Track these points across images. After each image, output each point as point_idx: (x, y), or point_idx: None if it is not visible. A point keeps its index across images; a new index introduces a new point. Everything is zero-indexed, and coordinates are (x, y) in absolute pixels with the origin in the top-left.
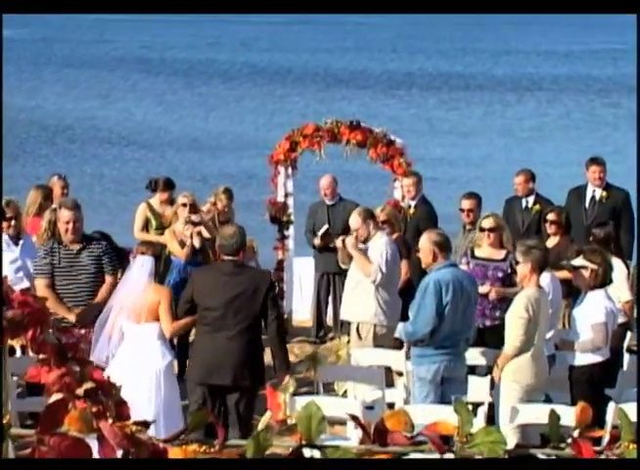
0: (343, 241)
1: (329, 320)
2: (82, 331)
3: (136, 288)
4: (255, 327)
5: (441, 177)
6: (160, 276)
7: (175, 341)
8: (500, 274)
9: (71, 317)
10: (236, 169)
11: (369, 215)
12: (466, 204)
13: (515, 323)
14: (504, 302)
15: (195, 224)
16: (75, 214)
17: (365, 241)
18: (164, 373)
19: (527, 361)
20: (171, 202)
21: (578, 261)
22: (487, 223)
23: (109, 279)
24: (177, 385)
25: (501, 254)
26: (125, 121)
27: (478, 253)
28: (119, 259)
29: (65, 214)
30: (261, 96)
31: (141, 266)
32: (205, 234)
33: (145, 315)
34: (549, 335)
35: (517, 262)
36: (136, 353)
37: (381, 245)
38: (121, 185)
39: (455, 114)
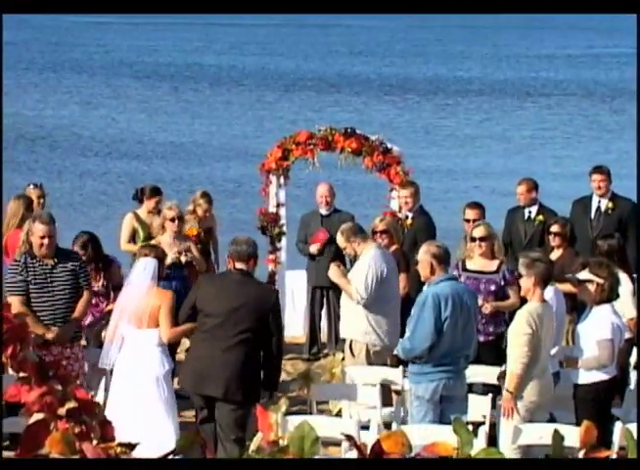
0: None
1: (323, 336)
2: (60, 348)
3: (138, 291)
4: (254, 341)
5: (437, 187)
6: None
7: None
8: (493, 288)
9: (49, 335)
10: (223, 178)
11: (353, 232)
12: (470, 213)
13: (518, 340)
14: (498, 316)
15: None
16: (50, 229)
17: (355, 257)
18: (163, 382)
19: (531, 379)
20: (158, 210)
21: (584, 275)
22: (478, 232)
23: (86, 295)
24: (174, 395)
25: (493, 265)
26: (108, 128)
27: (469, 265)
28: (105, 266)
29: (39, 228)
30: (250, 102)
31: (143, 269)
32: (195, 251)
33: (146, 320)
34: (553, 351)
35: (519, 275)
36: (135, 360)
37: (366, 260)
38: (103, 195)
39: (452, 120)
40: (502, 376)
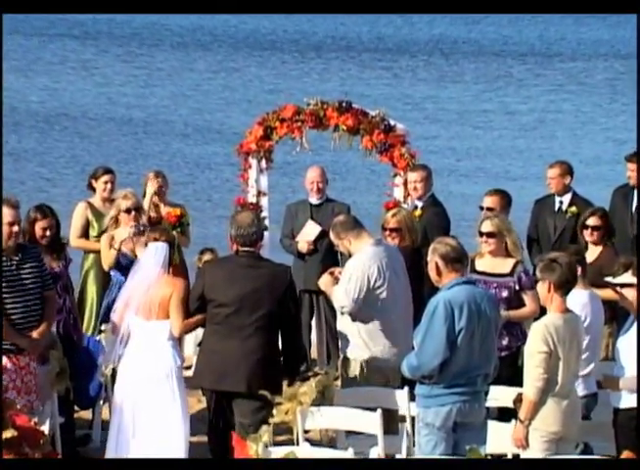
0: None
1: (313, 351)
2: (27, 359)
3: (147, 279)
4: (274, 327)
5: (435, 169)
6: (98, 295)
7: None
8: (505, 293)
9: (24, 343)
10: (186, 159)
11: (344, 228)
12: (488, 201)
13: (532, 360)
14: (513, 327)
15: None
16: (19, 214)
17: (350, 255)
18: (176, 377)
19: (550, 404)
20: (111, 198)
21: (626, 278)
22: (485, 227)
23: (53, 295)
24: (185, 392)
25: (506, 266)
26: (48, 101)
27: (479, 265)
28: (61, 248)
29: (9, 213)
30: (217, 68)
31: (153, 255)
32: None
33: (156, 311)
34: (588, 369)
35: (536, 281)
36: (145, 355)
37: (354, 262)
38: (43, 179)
39: (455, 91)
40: (519, 400)
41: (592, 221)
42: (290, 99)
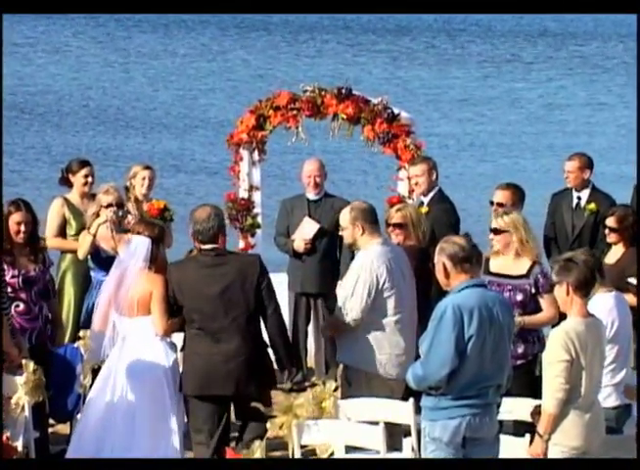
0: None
1: (309, 359)
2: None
3: (129, 275)
4: (255, 322)
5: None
6: (76, 298)
7: None
8: (520, 297)
9: (15, 353)
10: (166, 150)
11: (363, 217)
12: (499, 196)
13: (551, 369)
14: (529, 334)
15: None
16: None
17: (351, 246)
18: (170, 375)
19: (571, 417)
20: (92, 193)
21: None
22: (495, 223)
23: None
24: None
25: (523, 266)
26: (17, 87)
27: (493, 266)
28: (39, 249)
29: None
30: (199, 51)
31: (135, 249)
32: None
33: (137, 308)
34: (620, 377)
35: (552, 285)
36: (133, 353)
37: (362, 263)
38: (11, 172)
39: (457, 76)
40: (537, 412)
41: (609, 222)
42: (280, 85)
